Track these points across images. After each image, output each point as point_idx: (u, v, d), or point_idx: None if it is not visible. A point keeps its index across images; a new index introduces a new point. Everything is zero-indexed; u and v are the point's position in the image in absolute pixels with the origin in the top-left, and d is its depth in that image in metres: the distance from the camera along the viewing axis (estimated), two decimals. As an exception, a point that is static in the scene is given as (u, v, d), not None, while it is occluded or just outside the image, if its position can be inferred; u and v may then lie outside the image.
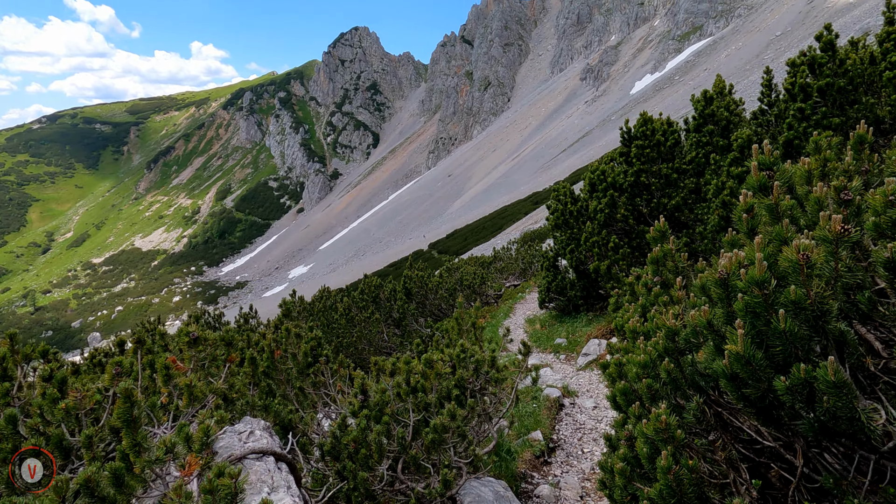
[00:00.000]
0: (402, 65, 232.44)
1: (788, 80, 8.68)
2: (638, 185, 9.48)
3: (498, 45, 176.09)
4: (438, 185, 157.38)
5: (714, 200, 8.65)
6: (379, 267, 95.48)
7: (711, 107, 9.28)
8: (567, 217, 10.27)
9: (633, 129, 9.60)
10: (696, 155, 9.29)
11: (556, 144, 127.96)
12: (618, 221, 9.41)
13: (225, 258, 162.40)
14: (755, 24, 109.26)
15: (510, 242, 22.19)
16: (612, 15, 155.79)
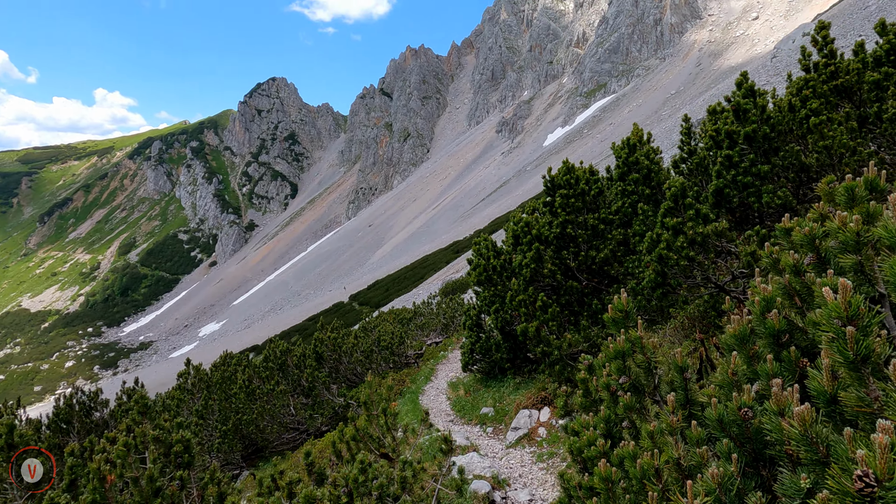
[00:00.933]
0: (321, 115, 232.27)
1: (711, 126, 8.35)
2: (564, 236, 8.75)
3: (416, 97, 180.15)
4: (359, 235, 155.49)
5: (646, 255, 8.00)
6: (297, 321, 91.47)
7: (635, 154, 8.80)
8: (490, 273, 9.37)
9: (557, 178, 8.94)
10: (623, 204, 8.72)
11: (474, 194, 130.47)
12: (545, 277, 8.58)
13: (127, 317, 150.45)
14: (652, 84, 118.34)
15: (431, 296, 21.15)
16: (524, 72, 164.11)
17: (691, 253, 6.10)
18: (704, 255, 6.19)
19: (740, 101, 7.21)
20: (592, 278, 8.77)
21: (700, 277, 6.46)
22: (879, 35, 7.60)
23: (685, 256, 6.14)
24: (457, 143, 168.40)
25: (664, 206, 6.46)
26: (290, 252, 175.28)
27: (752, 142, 7.14)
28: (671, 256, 6.20)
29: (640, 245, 8.32)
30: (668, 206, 6.41)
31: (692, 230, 6.10)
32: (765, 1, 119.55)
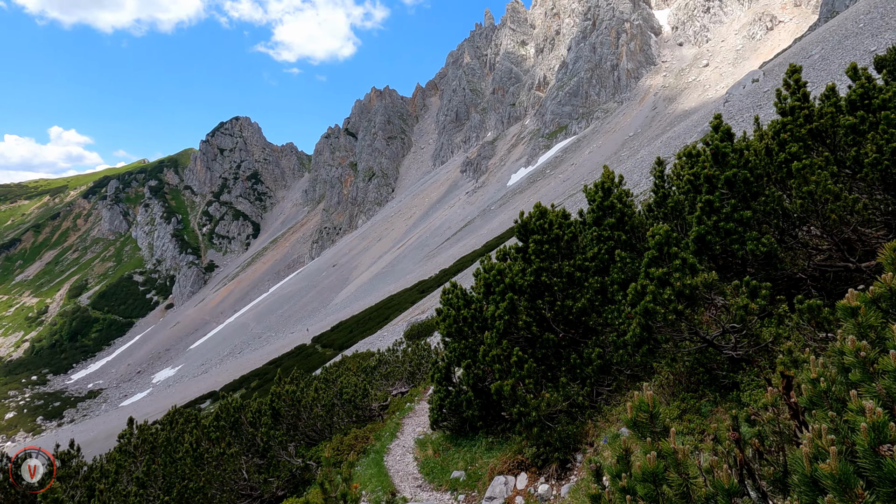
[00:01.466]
0: (285, 155, 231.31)
1: (689, 170, 8.07)
2: (539, 285, 8.23)
3: (381, 137, 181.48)
4: (323, 275, 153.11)
5: (629, 308, 7.52)
6: (258, 364, 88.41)
7: (611, 198, 8.44)
8: (460, 324, 8.74)
9: (529, 223, 8.48)
10: (599, 251, 8.29)
11: (440, 233, 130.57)
12: (519, 329, 8.00)
13: (76, 363, 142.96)
14: (611, 126, 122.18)
15: (396, 343, 20.32)
16: (488, 114, 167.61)
17: (679, 306, 5.63)
18: (693, 309, 5.74)
19: (719, 145, 6.94)
20: (569, 329, 8.24)
21: (687, 332, 5.99)
22: (851, 79, 7.50)
23: (673, 310, 5.67)
24: (422, 182, 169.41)
25: (648, 254, 6.02)
26: (252, 293, 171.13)
27: (732, 186, 6.83)
28: (658, 310, 5.72)
29: (618, 294, 7.86)
30: (652, 255, 5.97)
31: (679, 281, 5.65)
32: (714, 49, 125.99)
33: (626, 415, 2.69)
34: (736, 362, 6.16)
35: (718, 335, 5.98)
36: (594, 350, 7.34)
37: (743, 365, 6.09)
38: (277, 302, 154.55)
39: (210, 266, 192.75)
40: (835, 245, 6.67)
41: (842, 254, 6.74)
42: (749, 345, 5.87)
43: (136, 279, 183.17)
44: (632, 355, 6.82)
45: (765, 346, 6.02)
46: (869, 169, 6.60)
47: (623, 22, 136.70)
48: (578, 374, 7.69)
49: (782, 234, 7.00)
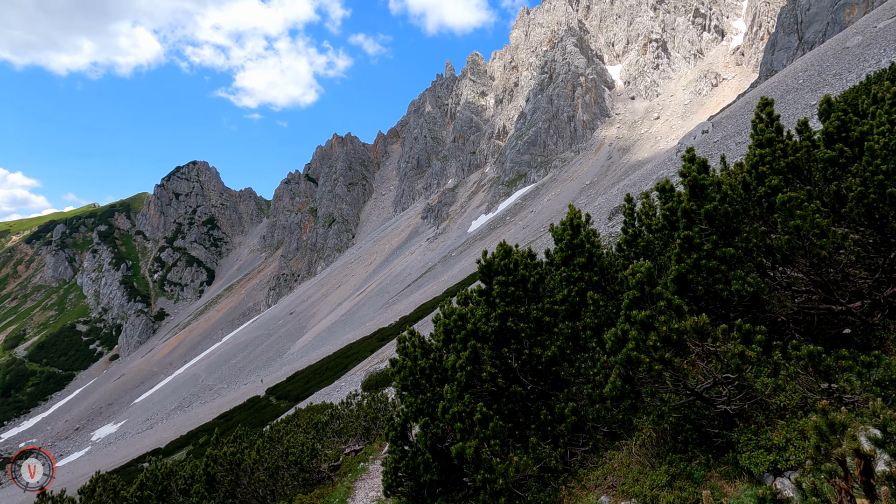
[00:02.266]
0: (244, 200, 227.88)
1: (664, 205, 7.53)
2: (504, 331, 7.42)
3: (342, 183, 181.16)
4: (279, 323, 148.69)
5: (602, 355, 6.77)
6: (207, 419, 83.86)
7: (580, 236, 7.80)
8: (417, 376, 7.81)
9: (494, 263, 7.74)
10: (569, 293, 7.57)
11: (400, 280, 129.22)
12: (483, 381, 7.13)
13: (7, 421, 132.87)
14: (569, 174, 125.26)
15: (351, 395, 19.01)
16: (449, 161, 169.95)
17: (667, 354, 4.90)
18: (682, 357, 5.02)
19: (697, 176, 6.41)
20: (538, 381, 7.41)
21: (672, 383, 5.25)
22: (825, 113, 7.19)
23: (659, 359, 4.93)
24: (382, 228, 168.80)
25: (629, 295, 5.31)
26: (204, 343, 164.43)
27: (713, 221, 6.27)
28: (642, 359, 4.97)
29: (591, 341, 7.11)
30: (633, 296, 5.27)
31: (666, 325, 4.94)
32: (664, 103, 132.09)
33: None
34: (728, 417, 5.43)
35: (708, 387, 5.26)
36: (567, 405, 6.52)
37: (737, 421, 5.36)
38: (231, 351, 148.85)
39: (160, 314, 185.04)
40: (821, 285, 6.13)
41: (828, 294, 6.20)
42: (744, 398, 5.16)
43: (80, 329, 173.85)
44: (610, 411, 6.02)
45: (759, 398, 5.33)
46: (854, 203, 6.16)
47: (578, 76, 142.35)
48: (550, 432, 6.82)
49: (762, 274, 6.44)
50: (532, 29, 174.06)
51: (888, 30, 45.44)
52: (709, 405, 5.39)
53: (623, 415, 5.70)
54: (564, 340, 7.27)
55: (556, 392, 7.41)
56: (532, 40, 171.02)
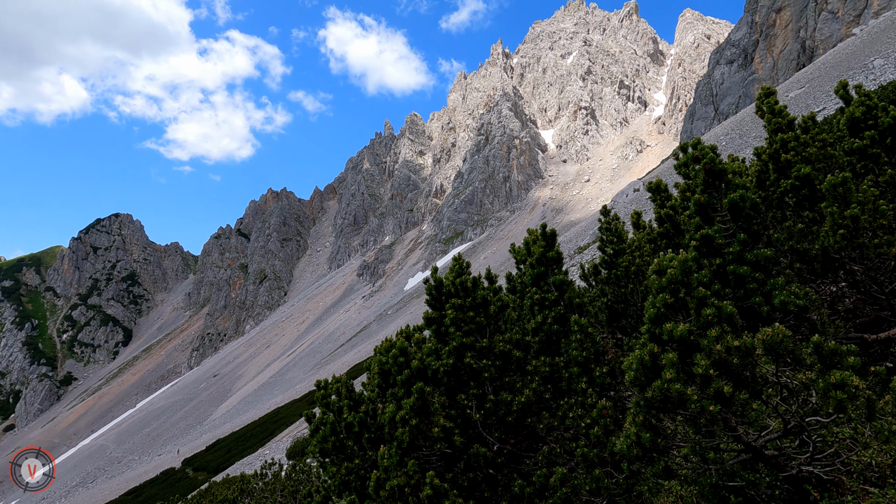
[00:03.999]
0: (169, 255, 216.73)
1: (659, 208, 6.01)
2: (461, 370, 5.52)
3: (276, 239, 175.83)
4: (201, 386, 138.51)
5: (596, 398, 4.99)
6: (113, 496, 74.96)
7: (555, 248, 6.13)
8: (342, 436, 5.69)
9: (446, 282, 5.90)
10: (544, 320, 5.79)
11: (333, 339, 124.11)
12: (434, 440, 5.13)
13: None
14: (504, 233, 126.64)
15: (266, 465, 16.12)
16: (386, 218, 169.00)
17: (726, 388, 3.16)
18: (749, 392, 3.29)
19: (714, 158, 4.93)
20: (508, 437, 5.48)
21: (725, 433, 3.49)
22: (843, 100, 6.00)
23: (715, 395, 3.18)
24: (316, 286, 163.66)
25: (656, 301, 3.59)
26: (115, 409, 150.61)
27: (739, 215, 4.76)
28: (689, 396, 3.20)
29: (578, 381, 5.30)
30: (664, 302, 3.55)
31: (720, 344, 3.24)
32: (593, 167, 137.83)
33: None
34: (797, 483, 3.69)
35: (774, 437, 3.54)
36: (553, 471, 4.61)
37: (811, 491, 3.62)
38: (145, 419, 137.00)
39: (67, 378, 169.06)
40: (882, 296, 4.66)
41: (891, 309, 4.72)
42: (831, 455, 3.46)
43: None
44: (615, 477, 4.15)
45: (843, 455, 3.65)
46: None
47: (513, 138, 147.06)
48: (528, 510, 4.86)
49: (808, 282, 4.93)
50: (469, 93, 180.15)
51: (798, 99, 48.79)
52: (773, 466, 3.64)
53: (650, 484, 3.87)
54: (541, 381, 5.44)
55: (531, 453, 5.49)
56: (469, 103, 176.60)
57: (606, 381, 5.02)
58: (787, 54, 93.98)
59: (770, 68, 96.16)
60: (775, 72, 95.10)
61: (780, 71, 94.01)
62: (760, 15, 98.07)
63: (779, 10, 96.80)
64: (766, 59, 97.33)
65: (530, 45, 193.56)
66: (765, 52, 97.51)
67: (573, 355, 5.14)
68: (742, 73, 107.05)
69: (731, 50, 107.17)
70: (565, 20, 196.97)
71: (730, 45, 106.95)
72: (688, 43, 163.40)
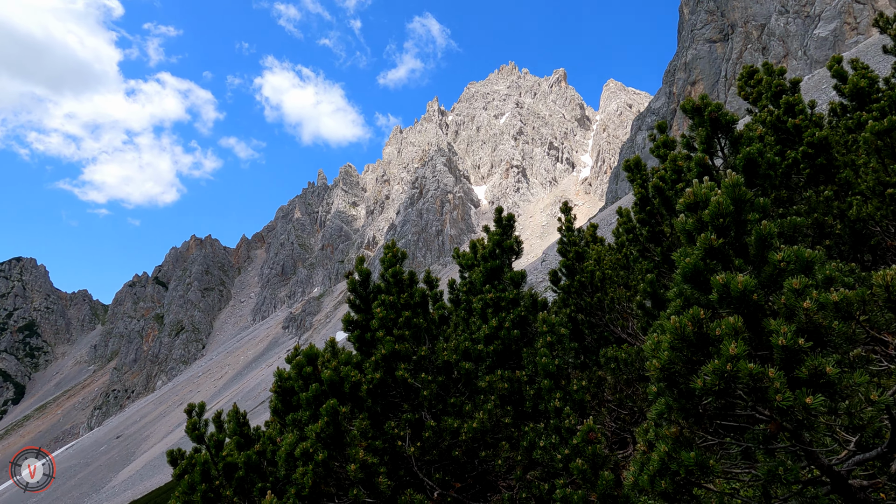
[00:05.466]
0: (76, 303, 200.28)
1: (637, 190, 4.94)
2: (390, 388, 4.04)
3: (197, 288, 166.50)
4: (102, 449, 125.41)
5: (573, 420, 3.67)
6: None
7: (511, 237, 4.90)
8: (218, 484, 4.00)
9: (381, 274, 4.49)
10: (500, 324, 4.46)
11: (254, 395, 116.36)
12: (350, 484, 3.57)
13: None
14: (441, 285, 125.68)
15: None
16: (316, 269, 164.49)
17: (830, 367, 1.94)
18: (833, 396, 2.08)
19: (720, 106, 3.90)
20: (454, 480, 4.00)
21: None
22: (839, 76, 5.26)
23: (812, 377, 1.94)
24: (238, 338, 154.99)
25: (695, 247, 2.37)
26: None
27: (755, 174, 3.70)
28: (773, 382, 1.94)
29: (549, 399, 3.95)
30: (707, 247, 2.32)
31: (809, 300, 2.04)
32: (524, 224, 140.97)
33: None
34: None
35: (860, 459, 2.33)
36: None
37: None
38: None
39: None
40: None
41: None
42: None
43: None
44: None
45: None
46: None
47: (447, 193, 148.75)
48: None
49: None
50: (404, 147, 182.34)
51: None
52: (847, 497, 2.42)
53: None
54: (498, 402, 4.05)
55: (483, 500, 4.03)
56: (404, 157, 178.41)
57: (586, 397, 3.72)
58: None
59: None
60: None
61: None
62: (677, 86, 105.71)
63: (693, 83, 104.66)
64: (683, 128, 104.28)
65: (465, 104, 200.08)
66: (682, 121, 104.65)
67: (542, 364, 3.81)
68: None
69: (652, 117, 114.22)
70: (499, 83, 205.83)
71: (650, 112, 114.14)
72: (612, 110, 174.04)
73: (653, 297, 3.89)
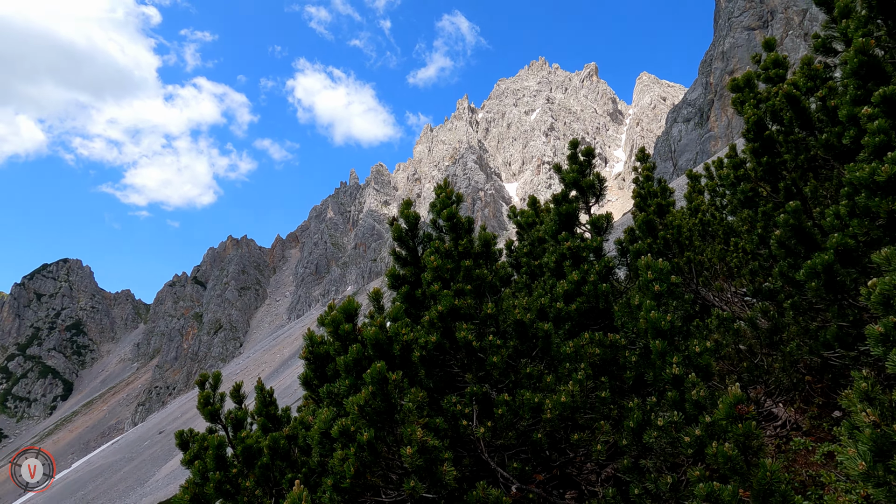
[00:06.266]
0: (119, 303, 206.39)
1: (750, 111, 3.95)
2: (449, 355, 3.15)
3: (234, 288, 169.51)
4: (145, 444, 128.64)
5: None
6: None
7: (592, 174, 3.97)
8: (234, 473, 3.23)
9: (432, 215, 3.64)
10: (584, 279, 3.54)
11: (290, 393, 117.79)
12: (403, 473, 2.71)
13: None
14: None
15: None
16: (349, 268, 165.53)
17: None
18: None
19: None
20: (535, 470, 3.11)
21: None
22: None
23: None
24: (274, 336, 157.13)
25: None
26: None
27: None
28: None
29: (663, 365, 3.02)
30: None
31: None
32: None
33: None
34: None
35: None
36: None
37: None
38: (80, 481, 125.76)
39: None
40: None
41: None
42: None
43: None
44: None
45: None
46: None
47: (478, 190, 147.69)
48: None
49: None
50: (435, 145, 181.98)
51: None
52: None
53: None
54: (589, 371, 3.14)
55: (571, 496, 3.13)
56: (435, 155, 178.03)
57: (712, 362, 2.78)
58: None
59: (725, 126, 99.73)
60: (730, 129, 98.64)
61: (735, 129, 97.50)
62: (715, 76, 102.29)
63: (731, 73, 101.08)
64: (721, 118, 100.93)
65: (495, 101, 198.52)
66: (720, 111, 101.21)
67: (651, 320, 2.89)
68: (699, 130, 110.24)
69: (688, 109, 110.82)
70: (529, 79, 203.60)
71: (686, 104, 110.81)
72: (645, 104, 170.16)
73: (797, 232, 2.92)
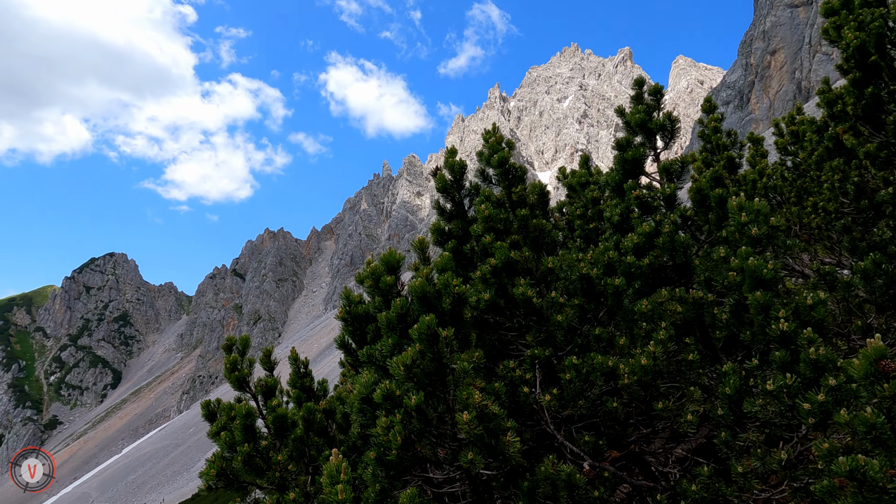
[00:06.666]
0: (163, 295, 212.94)
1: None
2: (506, 310, 2.72)
3: (272, 279, 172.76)
4: (190, 431, 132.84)
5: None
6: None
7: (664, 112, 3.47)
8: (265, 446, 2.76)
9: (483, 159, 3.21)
10: (657, 230, 3.06)
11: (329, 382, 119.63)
12: (459, 444, 2.31)
13: None
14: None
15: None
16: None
17: None
18: None
19: None
20: (609, 447, 2.67)
21: None
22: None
23: None
24: (311, 327, 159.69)
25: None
26: (100, 455, 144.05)
27: None
28: None
29: (767, 321, 2.53)
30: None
31: None
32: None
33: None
34: None
35: None
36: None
37: None
38: (131, 465, 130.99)
39: (52, 422, 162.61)
40: None
41: None
42: None
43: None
44: None
45: None
46: None
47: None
48: None
49: None
50: (467, 135, 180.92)
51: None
52: None
53: None
54: (673, 332, 2.68)
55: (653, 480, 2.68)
56: (467, 145, 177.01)
57: (827, 317, 2.28)
58: (783, 95, 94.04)
59: (766, 108, 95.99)
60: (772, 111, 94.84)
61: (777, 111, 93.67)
62: (755, 57, 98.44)
63: (773, 53, 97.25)
64: (762, 100, 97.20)
65: (527, 89, 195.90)
66: (761, 93, 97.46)
67: (749, 268, 2.41)
68: (739, 113, 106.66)
69: (727, 91, 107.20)
70: (561, 66, 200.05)
71: (725, 86, 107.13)
72: (681, 88, 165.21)
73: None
